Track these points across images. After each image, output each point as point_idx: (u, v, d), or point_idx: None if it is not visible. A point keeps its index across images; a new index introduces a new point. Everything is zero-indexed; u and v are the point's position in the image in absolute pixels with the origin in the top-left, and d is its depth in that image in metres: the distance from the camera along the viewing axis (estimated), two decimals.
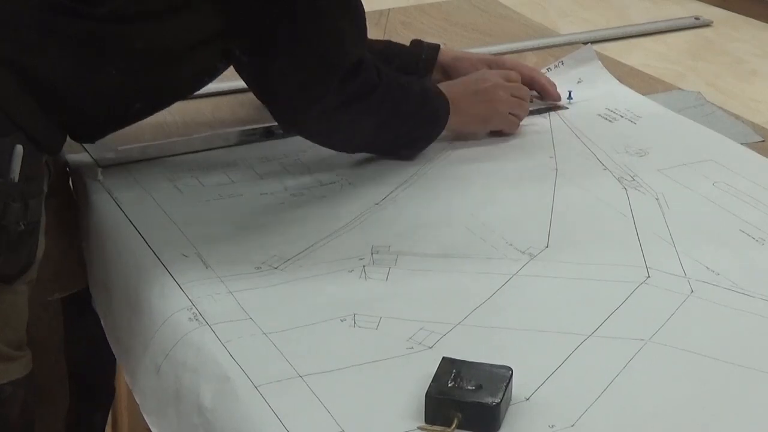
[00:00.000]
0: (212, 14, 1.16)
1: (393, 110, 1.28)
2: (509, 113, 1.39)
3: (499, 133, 1.41)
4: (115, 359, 1.41)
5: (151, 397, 1.04)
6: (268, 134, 1.42)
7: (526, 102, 1.41)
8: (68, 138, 1.21)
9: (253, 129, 1.43)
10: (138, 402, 1.06)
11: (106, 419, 1.43)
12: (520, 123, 1.41)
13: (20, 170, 1.08)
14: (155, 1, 1.14)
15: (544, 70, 1.57)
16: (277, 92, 1.22)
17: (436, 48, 1.48)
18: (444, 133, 1.36)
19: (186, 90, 1.30)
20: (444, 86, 1.36)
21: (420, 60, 1.46)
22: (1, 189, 1.07)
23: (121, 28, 1.13)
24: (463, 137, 1.39)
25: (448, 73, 1.47)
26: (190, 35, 1.17)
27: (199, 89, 1.32)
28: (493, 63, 1.49)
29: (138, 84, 1.18)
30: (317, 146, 1.37)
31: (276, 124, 1.44)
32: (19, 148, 1.08)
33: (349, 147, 1.32)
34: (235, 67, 1.23)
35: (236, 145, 1.40)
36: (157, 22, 1.14)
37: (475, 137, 1.40)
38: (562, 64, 1.57)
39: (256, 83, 1.25)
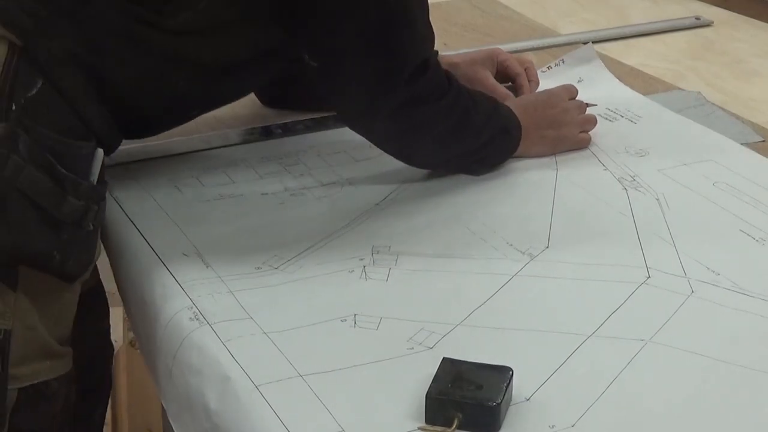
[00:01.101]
0: (275, 25, 1.17)
1: (464, 118, 1.25)
2: (580, 132, 1.38)
3: None
4: (113, 353, 1.41)
5: (171, 402, 1.04)
6: (267, 134, 1.42)
7: (593, 114, 1.40)
8: None
9: (253, 128, 1.44)
10: (164, 407, 1.06)
11: (105, 415, 1.43)
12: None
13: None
14: (224, 14, 1.15)
15: (545, 69, 1.57)
16: (347, 90, 1.21)
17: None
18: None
19: (240, 95, 1.33)
20: (512, 108, 1.34)
21: None
22: (85, 191, 1.09)
23: (191, 39, 1.15)
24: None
25: None
26: (256, 46, 1.19)
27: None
28: (487, 60, 1.49)
29: (201, 93, 1.21)
30: (317, 146, 1.38)
31: (275, 123, 1.44)
32: (99, 152, 1.12)
33: (419, 156, 1.28)
34: (303, 72, 1.23)
35: (236, 144, 1.40)
36: (224, 34, 1.16)
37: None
38: (563, 62, 1.57)
39: (325, 85, 1.24)
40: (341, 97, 1.23)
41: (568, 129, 1.37)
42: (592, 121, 1.40)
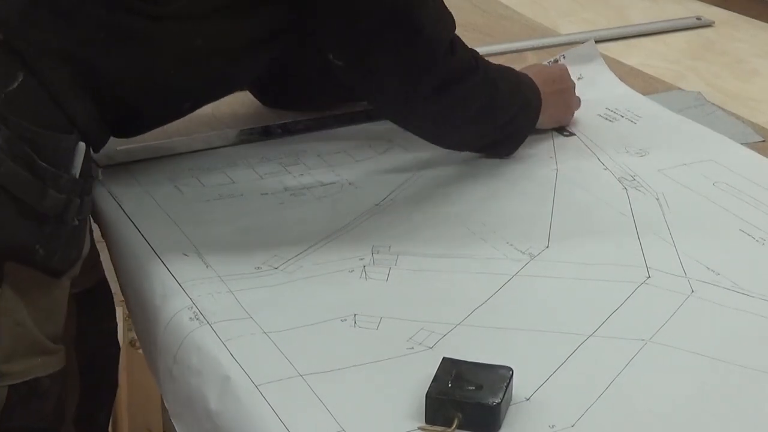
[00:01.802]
0: (275, 12, 1.17)
1: (494, 92, 1.28)
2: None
3: None
4: (119, 353, 1.41)
5: (173, 402, 1.03)
6: (267, 134, 1.42)
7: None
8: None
9: (252, 128, 1.43)
10: (167, 407, 1.06)
11: (110, 417, 1.42)
12: None
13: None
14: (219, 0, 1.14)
15: (545, 64, 1.56)
16: (382, 85, 1.22)
17: None
18: None
19: (235, 87, 1.32)
20: (531, 76, 1.36)
21: None
22: (66, 185, 1.09)
23: (183, 26, 1.14)
24: None
25: None
26: (252, 35, 1.18)
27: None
28: None
29: (194, 82, 1.20)
30: (317, 146, 1.38)
31: (275, 123, 1.44)
32: (81, 146, 1.11)
33: (455, 137, 1.31)
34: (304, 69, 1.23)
35: (235, 144, 1.40)
36: (219, 21, 1.15)
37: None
38: (563, 57, 1.57)
39: (356, 82, 1.25)
40: (377, 91, 1.24)
41: (572, 108, 1.42)
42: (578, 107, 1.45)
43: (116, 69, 1.13)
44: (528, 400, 0.92)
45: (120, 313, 1.50)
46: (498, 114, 1.30)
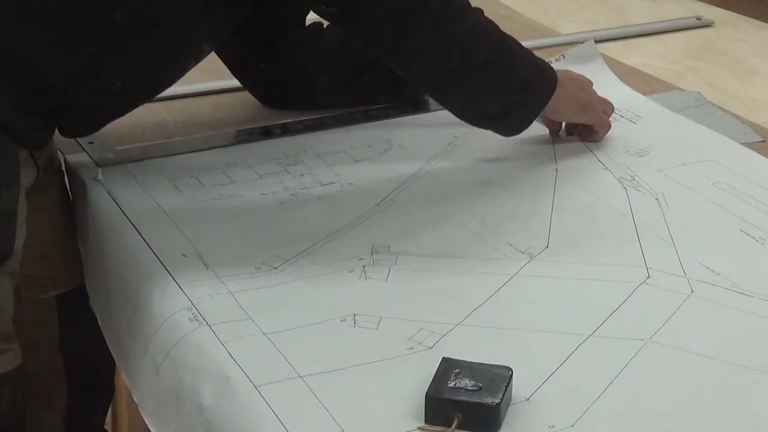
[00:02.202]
0: None
1: (502, 46, 1.25)
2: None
3: (586, 136, 1.38)
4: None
5: (150, 397, 1.04)
6: (267, 134, 1.42)
7: (610, 101, 1.41)
8: (62, 136, 1.20)
9: (252, 128, 1.44)
10: (137, 402, 1.06)
11: (105, 417, 1.42)
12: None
13: None
14: None
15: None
16: (376, 19, 1.21)
17: None
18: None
19: (168, 72, 1.24)
20: None
21: None
22: None
23: None
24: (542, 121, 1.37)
25: None
26: (173, 7, 1.14)
27: (184, 73, 1.26)
28: None
29: (117, 59, 1.14)
30: (317, 146, 1.38)
31: (275, 123, 1.44)
32: None
33: (462, 87, 1.26)
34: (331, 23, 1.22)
35: (234, 144, 1.40)
36: None
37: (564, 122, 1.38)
38: (563, 57, 1.57)
39: (351, 25, 1.24)
40: (372, 27, 1.22)
41: (594, 97, 1.37)
42: (611, 106, 1.40)
43: (30, 50, 1.08)
44: (528, 400, 0.92)
45: None
46: (508, 67, 1.26)
